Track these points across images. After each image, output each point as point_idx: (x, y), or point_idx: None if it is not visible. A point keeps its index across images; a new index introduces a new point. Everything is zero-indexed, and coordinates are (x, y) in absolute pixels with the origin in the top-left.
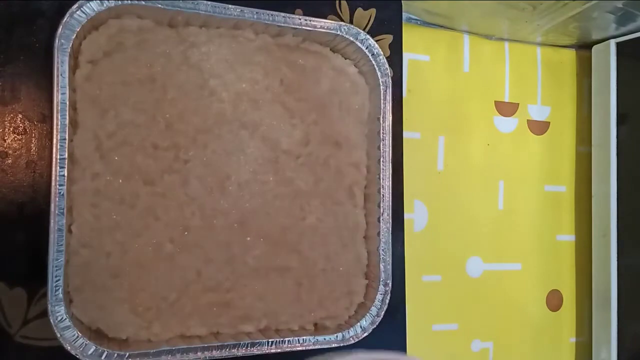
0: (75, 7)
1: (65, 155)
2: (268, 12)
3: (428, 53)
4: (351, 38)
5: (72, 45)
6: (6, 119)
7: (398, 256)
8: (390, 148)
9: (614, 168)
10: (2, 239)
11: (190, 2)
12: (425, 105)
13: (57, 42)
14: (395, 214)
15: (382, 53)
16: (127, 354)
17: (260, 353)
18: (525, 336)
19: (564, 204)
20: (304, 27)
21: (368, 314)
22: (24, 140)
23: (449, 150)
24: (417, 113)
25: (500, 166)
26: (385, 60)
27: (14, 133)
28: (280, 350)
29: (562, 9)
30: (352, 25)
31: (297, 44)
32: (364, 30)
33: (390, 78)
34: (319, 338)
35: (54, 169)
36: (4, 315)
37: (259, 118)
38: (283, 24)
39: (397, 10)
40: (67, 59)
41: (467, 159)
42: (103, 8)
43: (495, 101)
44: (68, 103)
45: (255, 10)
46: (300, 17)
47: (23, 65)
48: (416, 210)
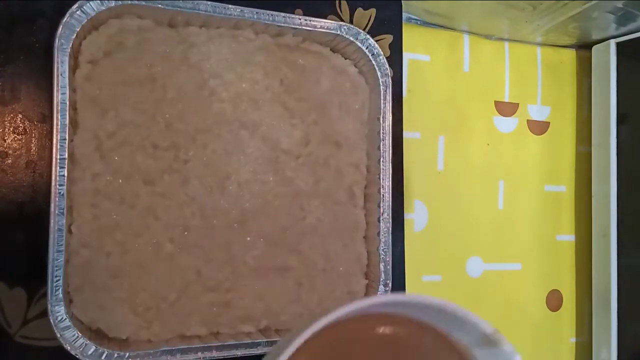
0: (75, 7)
1: (65, 155)
2: (268, 12)
3: (428, 53)
4: (351, 38)
5: (72, 45)
6: (6, 119)
7: (398, 256)
8: (390, 148)
9: (614, 168)
10: (2, 239)
11: (190, 2)
12: (425, 105)
13: (57, 42)
14: (395, 214)
15: (382, 53)
16: (127, 354)
17: (260, 353)
18: (525, 336)
19: (564, 204)
20: (304, 27)
21: None
22: (24, 140)
23: (449, 150)
24: (417, 113)
25: (500, 166)
26: (385, 60)
27: (14, 133)
28: None
29: (562, 9)
30: (352, 25)
31: (297, 44)
32: (364, 30)
33: (390, 78)
34: None
35: (54, 169)
36: (3, 315)
37: (259, 118)
38: (283, 24)
39: (397, 10)
40: (67, 59)
41: (467, 159)
42: (103, 8)
43: (495, 101)
44: (68, 103)
45: (255, 10)
46: (300, 17)
47: (23, 65)
48: (416, 210)
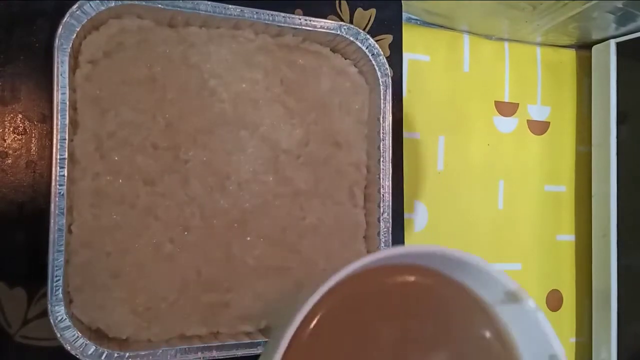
0: (75, 7)
1: (65, 155)
2: (268, 12)
3: (428, 53)
4: (351, 38)
5: (72, 45)
6: (6, 119)
7: None
8: (390, 148)
9: (614, 168)
10: (2, 239)
11: (190, 2)
12: (425, 105)
13: (57, 42)
14: (395, 214)
15: (382, 53)
16: (127, 354)
17: (260, 353)
18: None
19: (564, 204)
20: (304, 27)
21: None
22: (24, 140)
23: (449, 150)
24: (417, 113)
25: (500, 166)
26: (385, 60)
27: (14, 133)
28: None
29: (562, 9)
30: (352, 25)
31: (297, 44)
32: (364, 30)
33: (390, 78)
34: None
35: (54, 169)
36: (3, 315)
37: (259, 118)
38: (283, 24)
39: (397, 10)
40: (67, 59)
41: (467, 159)
42: (103, 8)
43: (495, 101)
44: (68, 103)
45: (255, 10)
46: (300, 17)
47: (23, 65)
48: (416, 210)
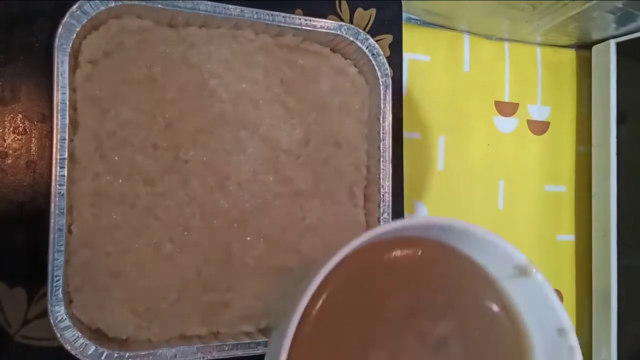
0: (75, 7)
1: (65, 155)
2: (268, 12)
3: (428, 53)
4: (351, 38)
5: (72, 45)
6: (6, 119)
7: None
8: (390, 148)
9: (614, 168)
10: (2, 239)
11: (190, 2)
12: (425, 105)
13: (57, 42)
14: (395, 214)
15: (382, 53)
16: (127, 354)
17: (260, 353)
18: None
19: (564, 204)
20: (304, 27)
21: None
22: (24, 140)
23: (449, 150)
24: (417, 113)
25: (500, 166)
26: (385, 60)
27: (14, 133)
28: None
29: (562, 9)
30: (352, 25)
31: (297, 44)
32: (364, 30)
33: (390, 78)
34: None
35: (54, 169)
36: (4, 315)
37: (259, 118)
38: (283, 24)
39: (397, 10)
40: (67, 59)
41: (467, 159)
42: (103, 8)
43: (495, 101)
44: (68, 103)
45: (255, 10)
46: (300, 17)
47: (23, 65)
48: (416, 210)
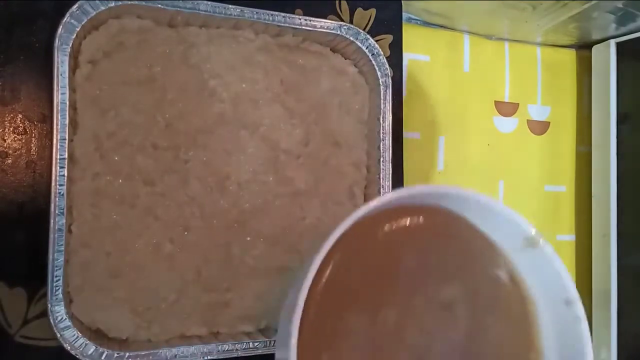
0: (75, 7)
1: (65, 155)
2: (268, 12)
3: (428, 53)
4: (351, 38)
5: (72, 45)
6: (6, 119)
7: None
8: (390, 148)
9: (614, 168)
10: (2, 239)
11: (190, 2)
12: (425, 105)
13: (57, 42)
14: None
15: (382, 53)
16: (127, 354)
17: (260, 353)
18: None
19: (564, 204)
20: (304, 27)
21: None
22: (24, 140)
23: (449, 150)
24: (417, 113)
25: (500, 166)
26: (385, 60)
27: (14, 133)
28: None
29: (562, 9)
30: (352, 25)
31: (297, 44)
32: (364, 30)
33: (390, 78)
34: None
35: (54, 169)
36: (4, 315)
37: (259, 118)
38: (283, 24)
39: (397, 10)
40: (67, 59)
41: (467, 159)
42: (103, 8)
43: (495, 101)
44: (68, 103)
45: (255, 10)
46: (300, 17)
47: (23, 65)
48: None
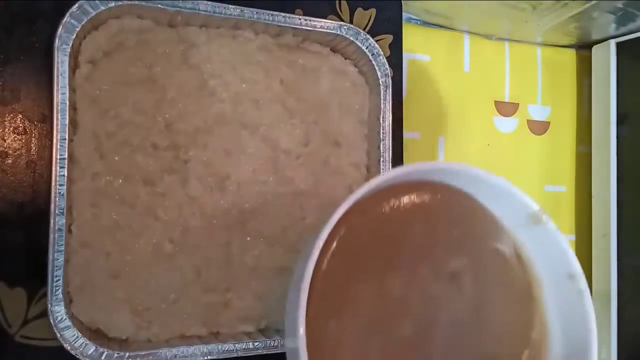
0: (75, 7)
1: (65, 155)
2: (268, 12)
3: (428, 53)
4: (351, 38)
5: (72, 45)
6: (6, 119)
7: None
8: (390, 148)
9: (614, 168)
10: (2, 239)
11: (190, 2)
12: (425, 105)
13: (57, 42)
14: None
15: (382, 53)
16: (127, 354)
17: (260, 353)
18: None
19: (564, 204)
20: (304, 27)
21: None
22: (24, 140)
23: (449, 150)
24: (417, 113)
25: (500, 166)
26: (385, 60)
27: (14, 133)
28: (280, 351)
29: (562, 9)
30: (352, 25)
31: (297, 44)
32: (364, 30)
33: (390, 78)
34: None
35: (54, 169)
36: (4, 315)
37: (259, 118)
38: (283, 24)
39: (397, 10)
40: (67, 59)
41: (467, 159)
42: (103, 8)
43: (495, 101)
44: (68, 103)
45: (255, 10)
46: (300, 17)
47: (23, 65)
48: None
